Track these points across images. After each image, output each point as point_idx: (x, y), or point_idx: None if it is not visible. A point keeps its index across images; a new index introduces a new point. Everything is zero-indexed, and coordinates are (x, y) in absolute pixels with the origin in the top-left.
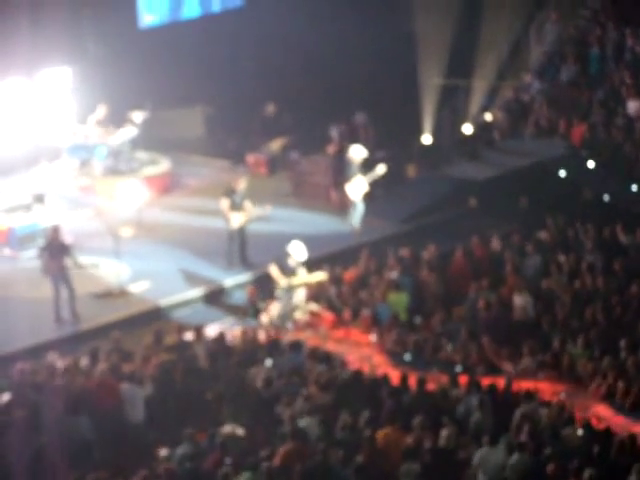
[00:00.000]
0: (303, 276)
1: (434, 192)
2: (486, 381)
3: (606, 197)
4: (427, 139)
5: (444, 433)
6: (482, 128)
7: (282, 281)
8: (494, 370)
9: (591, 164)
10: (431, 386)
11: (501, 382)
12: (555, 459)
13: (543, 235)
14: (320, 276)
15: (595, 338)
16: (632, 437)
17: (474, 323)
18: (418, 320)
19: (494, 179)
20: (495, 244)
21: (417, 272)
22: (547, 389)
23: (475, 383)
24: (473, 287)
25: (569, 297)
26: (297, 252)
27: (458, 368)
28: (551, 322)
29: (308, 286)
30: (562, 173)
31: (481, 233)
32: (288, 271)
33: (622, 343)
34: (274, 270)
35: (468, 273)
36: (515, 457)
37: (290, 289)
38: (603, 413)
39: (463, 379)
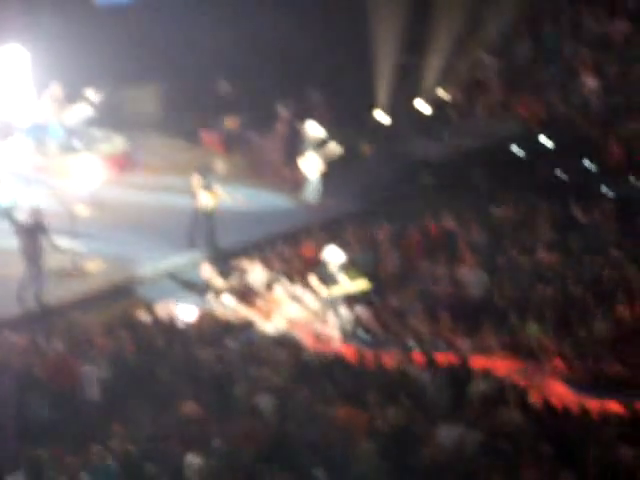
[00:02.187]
0: (345, 285)
1: (388, 170)
2: (442, 358)
3: (561, 174)
4: (382, 116)
5: (394, 410)
6: (437, 106)
7: (323, 291)
8: (450, 347)
9: (546, 142)
10: (387, 363)
11: (457, 359)
12: (510, 436)
13: (498, 212)
14: (362, 284)
15: (551, 315)
16: (586, 413)
17: (430, 300)
18: (374, 298)
19: (449, 157)
20: (449, 222)
21: (374, 250)
22: (503, 366)
23: (431, 360)
24: (427, 264)
25: (524, 274)
26: (334, 256)
27: (414, 345)
28: (506, 299)
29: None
30: (517, 151)
31: (436, 211)
32: (328, 279)
33: (577, 320)
34: (314, 281)
35: (423, 251)
36: (470, 434)
37: (334, 300)
38: (559, 390)
39: (419, 356)
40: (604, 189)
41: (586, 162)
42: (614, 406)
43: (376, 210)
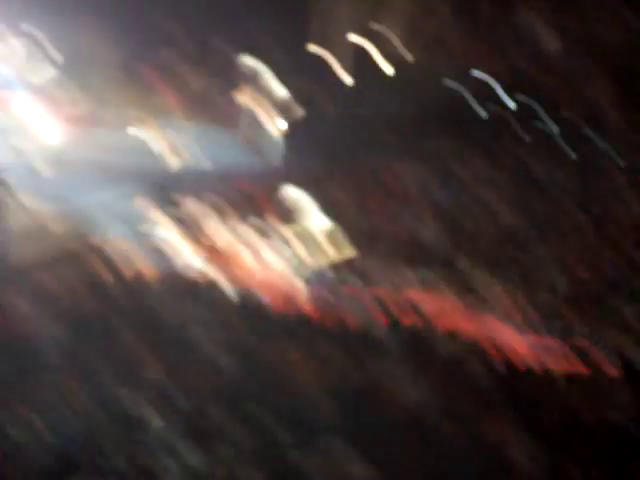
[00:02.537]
0: (329, 253)
1: (353, 131)
2: (404, 316)
3: (525, 135)
4: (346, 77)
5: (354, 369)
6: (398, 64)
7: (307, 259)
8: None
9: (510, 101)
10: (348, 321)
11: (420, 318)
12: (473, 395)
13: (459, 169)
14: (347, 252)
15: (512, 272)
16: (547, 371)
17: (385, 249)
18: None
19: (411, 114)
20: (412, 179)
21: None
22: (467, 325)
23: (393, 318)
24: (387, 219)
25: (484, 230)
26: (317, 223)
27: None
28: (468, 257)
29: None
30: (482, 109)
31: (397, 167)
32: (311, 246)
33: (538, 277)
34: (298, 247)
35: (385, 209)
36: (432, 394)
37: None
38: (520, 347)
39: (381, 315)
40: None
41: (550, 123)
42: (576, 365)
43: (338, 169)
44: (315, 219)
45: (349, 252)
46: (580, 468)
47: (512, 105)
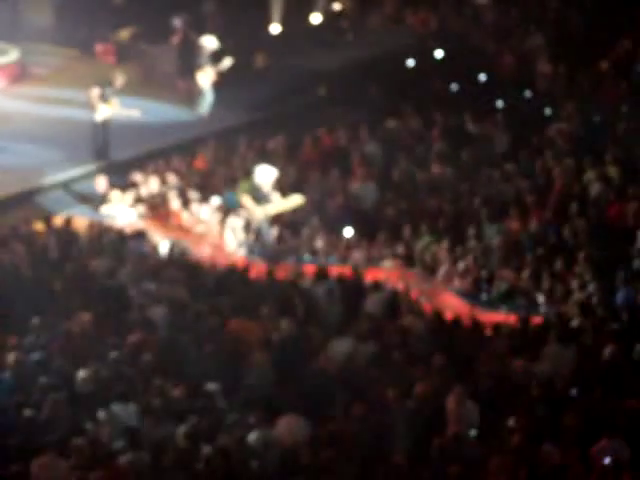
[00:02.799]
0: (279, 203)
1: (283, 81)
2: (335, 271)
3: (454, 87)
4: (275, 28)
5: (287, 323)
6: (331, 17)
7: (258, 211)
8: (344, 260)
9: (439, 54)
10: (280, 276)
11: (350, 272)
12: (402, 347)
13: (391, 124)
14: (297, 200)
15: (443, 227)
16: (478, 325)
17: (324, 213)
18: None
19: (343, 68)
20: (343, 134)
21: (268, 162)
22: (397, 278)
23: (323, 272)
24: (321, 177)
25: (417, 187)
26: (266, 175)
27: (307, 257)
28: (399, 211)
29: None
30: (410, 62)
31: (330, 123)
32: (261, 198)
33: (469, 231)
34: (247, 200)
35: (317, 163)
36: (362, 346)
37: (268, 218)
38: (452, 301)
39: (312, 269)
40: (497, 102)
41: (478, 74)
42: (505, 318)
43: (270, 122)
44: (263, 172)
45: (297, 200)
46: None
47: (440, 57)
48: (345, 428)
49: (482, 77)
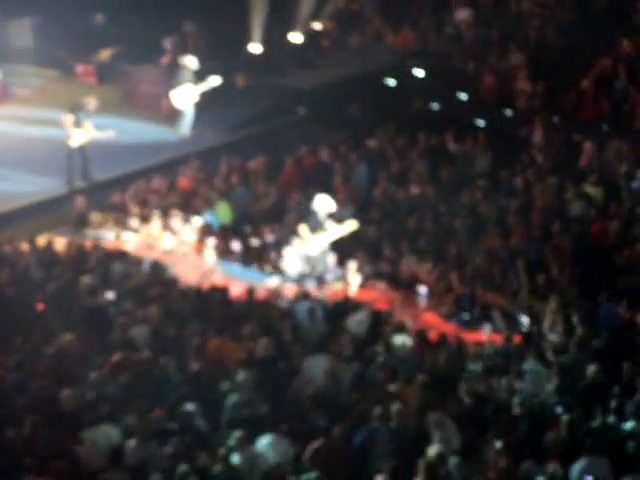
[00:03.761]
0: (335, 230)
1: (263, 101)
2: (317, 291)
3: (435, 106)
4: (256, 48)
5: (268, 342)
6: (311, 36)
7: (315, 240)
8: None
9: (420, 73)
10: (262, 296)
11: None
12: (385, 366)
13: (372, 144)
14: (352, 226)
15: (424, 246)
16: (460, 345)
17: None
18: (247, 229)
19: (323, 88)
20: (324, 154)
21: (249, 182)
22: (380, 298)
23: (304, 292)
24: (302, 197)
25: (399, 206)
26: (322, 205)
27: (289, 277)
28: (382, 231)
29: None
30: (391, 82)
31: (311, 142)
32: (316, 227)
33: (450, 250)
34: (303, 229)
35: (298, 183)
36: (344, 365)
37: (325, 248)
38: (434, 321)
39: (294, 288)
40: (478, 121)
41: (459, 93)
42: (487, 337)
43: (251, 142)
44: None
45: (352, 226)
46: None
47: (421, 76)
48: (328, 448)
49: (463, 96)
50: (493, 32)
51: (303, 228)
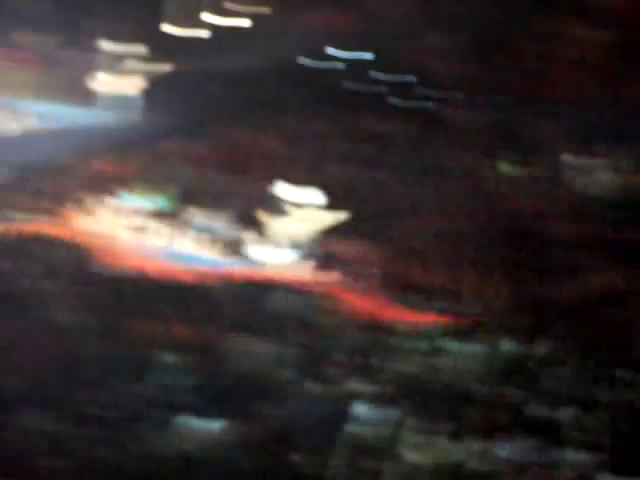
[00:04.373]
0: (318, 220)
1: (203, 86)
2: (242, 272)
3: (355, 86)
4: (202, 30)
5: (191, 325)
6: (250, 21)
7: (313, 228)
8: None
9: (365, 54)
10: (185, 278)
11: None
12: (308, 347)
13: (317, 126)
14: (339, 216)
15: (365, 228)
16: (397, 325)
17: (239, 216)
18: (190, 212)
19: (269, 70)
20: (266, 138)
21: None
22: (317, 279)
23: (225, 274)
24: (238, 180)
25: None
26: (308, 196)
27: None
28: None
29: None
30: (312, 64)
31: (252, 127)
32: (279, 213)
33: (390, 233)
34: (266, 215)
35: (240, 168)
36: (269, 346)
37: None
38: (372, 302)
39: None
40: (404, 101)
41: (381, 74)
42: (424, 317)
43: (192, 127)
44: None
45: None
46: None
47: (347, 59)
48: (253, 428)
49: (409, 77)
50: (418, 12)
51: (265, 214)
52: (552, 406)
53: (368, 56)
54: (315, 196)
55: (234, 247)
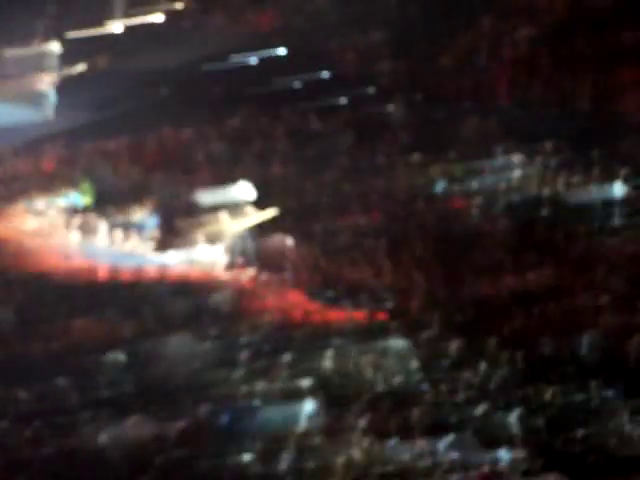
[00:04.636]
0: (252, 216)
1: (126, 81)
2: (176, 271)
3: (297, 84)
4: (118, 27)
5: (131, 323)
6: (173, 16)
7: (234, 225)
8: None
9: (281, 51)
10: (124, 276)
11: (195, 270)
12: (248, 345)
13: (235, 123)
14: (270, 213)
15: (289, 224)
16: (325, 322)
17: (167, 212)
18: (111, 209)
19: (185, 67)
20: (187, 134)
21: (111, 161)
22: (246, 277)
23: (162, 272)
24: (165, 176)
25: (260, 186)
26: (242, 190)
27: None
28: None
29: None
30: (253, 61)
31: (174, 123)
32: (235, 212)
33: (315, 229)
34: (224, 216)
35: (161, 163)
36: (208, 345)
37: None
38: (298, 299)
39: (154, 268)
40: (340, 99)
41: (321, 71)
42: (351, 314)
43: (113, 123)
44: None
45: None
46: None
47: (283, 55)
48: (194, 428)
49: (325, 74)
50: (354, 9)
51: (222, 213)
52: (472, 404)
53: (283, 53)
54: (237, 193)
55: (157, 244)
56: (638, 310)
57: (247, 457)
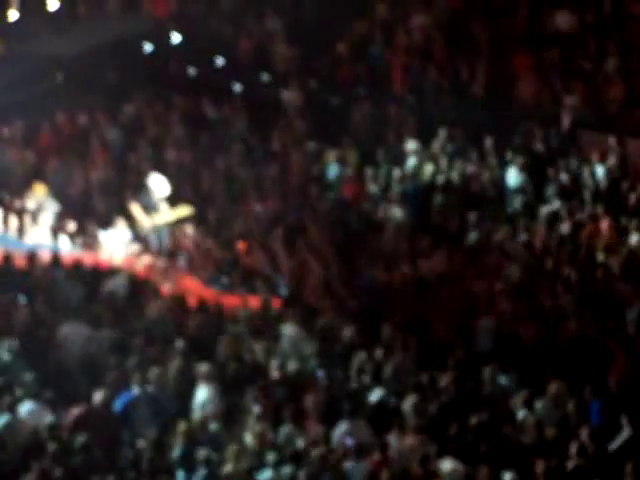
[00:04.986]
0: (167, 213)
1: (20, 68)
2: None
3: (192, 71)
4: (13, 14)
5: (23, 310)
6: (67, 3)
7: (146, 221)
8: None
9: (177, 38)
10: (19, 263)
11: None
12: (144, 332)
13: (129, 110)
14: (185, 211)
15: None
16: (219, 309)
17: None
18: (4, 196)
19: (80, 54)
20: (82, 120)
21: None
22: (141, 264)
23: (56, 258)
24: (60, 163)
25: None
26: (158, 186)
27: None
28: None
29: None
30: (148, 47)
31: (68, 109)
32: (150, 209)
33: (210, 215)
34: (136, 209)
35: (56, 149)
36: (99, 332)
37: (157, 229)
38: (194, 286)
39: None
40: (235, 86)
41: (216, 58)
42: (246, 300)
43: (8, 109)
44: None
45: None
46: None
47: (178, 41)
48: (88, 414)
49: (220, 61)
50: None
51: (136, 208)
52: (366, 390)
53: (178, 39)
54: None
55: (66, 232)
56: (531, 297)
57: (141, 443)
